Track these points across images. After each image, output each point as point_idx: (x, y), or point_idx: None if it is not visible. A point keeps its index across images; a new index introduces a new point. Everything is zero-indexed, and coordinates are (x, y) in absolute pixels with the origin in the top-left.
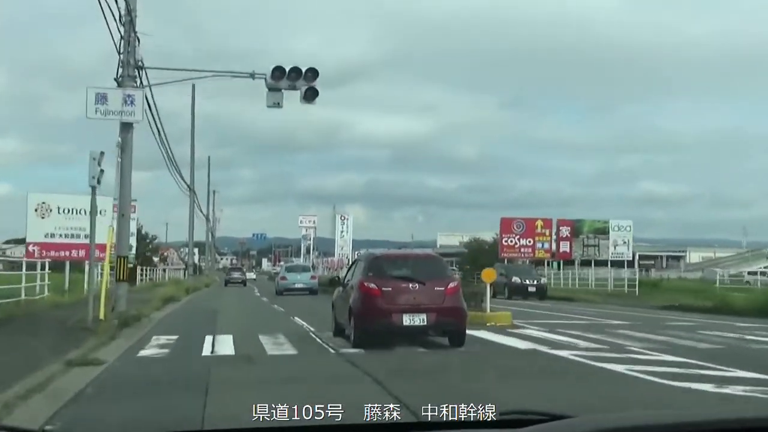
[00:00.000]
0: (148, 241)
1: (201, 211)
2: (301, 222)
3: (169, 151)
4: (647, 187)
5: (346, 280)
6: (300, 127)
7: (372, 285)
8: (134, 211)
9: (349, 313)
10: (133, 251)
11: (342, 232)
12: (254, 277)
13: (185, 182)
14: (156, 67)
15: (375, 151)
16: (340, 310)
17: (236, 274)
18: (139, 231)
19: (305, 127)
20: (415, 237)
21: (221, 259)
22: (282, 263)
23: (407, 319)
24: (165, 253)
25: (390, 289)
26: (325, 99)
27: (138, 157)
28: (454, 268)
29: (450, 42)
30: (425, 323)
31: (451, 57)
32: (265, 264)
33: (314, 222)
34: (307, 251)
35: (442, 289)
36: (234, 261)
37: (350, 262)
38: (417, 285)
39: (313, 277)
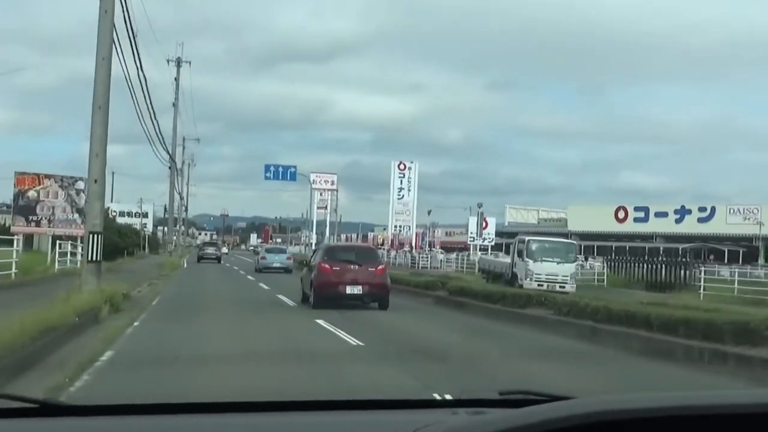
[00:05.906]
0: None
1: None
2: (313, 182)
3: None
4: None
5: (310, 262)
6: (282, 104)
7: (326, 265)
8: None
9: (311, 284)
10: None
11: (401, 190)
12: (226, 251)
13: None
14: None
15: (358, 132)
16: (305, 283)
17: (210, 250)
18: None
19: (287, 105)
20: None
21: (199, 234)
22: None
23: (349, 289)
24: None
25: (338, 268)
26: (309, 75)
27: None
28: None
29: (440, 20)
30: (361, 292)
31: (440, 36)
32: (254, 240)
33: (333, 183)
34: (322, 227)
35: (374, 269)
36: (215, 236)
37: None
38: (357, 266)
39: (288, 258)
